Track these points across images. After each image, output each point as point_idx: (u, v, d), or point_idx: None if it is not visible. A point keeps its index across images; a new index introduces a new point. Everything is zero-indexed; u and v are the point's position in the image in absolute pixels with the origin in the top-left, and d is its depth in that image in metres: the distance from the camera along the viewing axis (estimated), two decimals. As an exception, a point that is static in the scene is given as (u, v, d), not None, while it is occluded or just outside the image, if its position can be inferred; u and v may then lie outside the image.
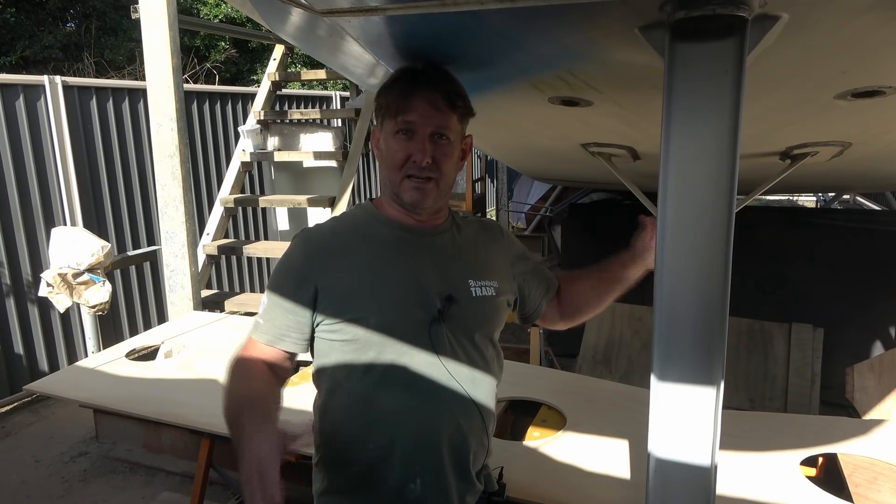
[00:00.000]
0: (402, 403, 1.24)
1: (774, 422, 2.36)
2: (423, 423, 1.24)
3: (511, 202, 9.09)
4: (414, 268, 1.28)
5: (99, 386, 2.48)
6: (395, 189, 1.27)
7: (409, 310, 1.24)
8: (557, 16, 1.00)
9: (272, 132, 5.32)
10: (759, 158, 2.08)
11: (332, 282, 1.24)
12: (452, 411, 1.26)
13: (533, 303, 1.51)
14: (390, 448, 1.24)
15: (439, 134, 1.24)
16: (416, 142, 1.23)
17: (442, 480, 1.26)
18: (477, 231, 1.43)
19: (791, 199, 8.58)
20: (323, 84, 11.57)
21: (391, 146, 1.25)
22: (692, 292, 1.02)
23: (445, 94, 1.24)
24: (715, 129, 0.96)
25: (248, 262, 6.44)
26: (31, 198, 4.42)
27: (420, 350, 1.24)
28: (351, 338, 1.23)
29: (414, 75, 1.25)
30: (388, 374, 1.23)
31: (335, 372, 1.27)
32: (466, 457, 1.30)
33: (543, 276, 1.54)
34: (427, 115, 1.22)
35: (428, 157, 1.22)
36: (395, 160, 1.25)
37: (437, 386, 1.25)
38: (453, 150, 1.28)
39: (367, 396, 1.24)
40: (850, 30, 0.97)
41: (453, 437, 1.26)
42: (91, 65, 10.18)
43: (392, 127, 1.25)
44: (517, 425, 2.44)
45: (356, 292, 1.24)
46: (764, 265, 4.27)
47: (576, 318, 1.58)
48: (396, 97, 1.24)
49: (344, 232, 1.32)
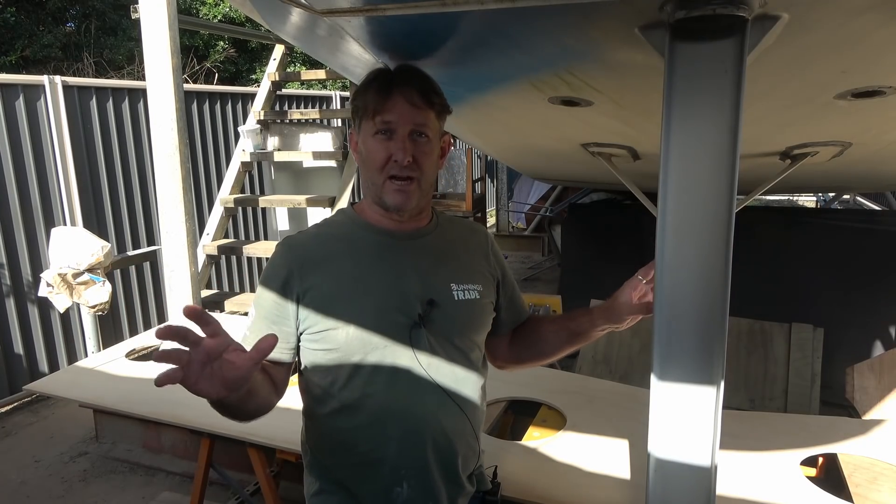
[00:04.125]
0: (385, 409, 1.24)
1: (774, 422, 2.36)
2: (406, 428, 1.24)
3: (511, 202, 9.10)
4: (394, 273, 1.27)
5: (99, 386, 2.48)
6: (377, 191, 1.26)
7: (390, 315, 1.24)
8: (557, 16, 1.00)
9: (272, 132, 5.32)
10: (759, 158, 2.09)
11: (313, 290, 1.24)
12: (436, 415, 1.26)
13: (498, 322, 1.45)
14: (375, 453, 1.24)
15: (418, 132, 1.23)
16: (395, 141, 1.22)
17: (429, 483, 1.27)
18: (462, 234, 1.42)
19: (791, 199, 8.58)
20: (323, 84, 11.57)
21: (371, 147, 1.24)
22: (692, 292, 1.02)
23: (422, 92, 1.23)
24: (715, 129, 0.96)
25: (248, 262, 6.44)
26: (31, 198, 4.42)
27: (401, 355, 1.23)
28: (333, 346, 1.23)
29: (389, 75, 1.25)
30: (370, 381, 1.23)
31: (319, 379, 1.27)
32: (454, 459, 1.30)
33: (518, 304, 1.50)
34: (405, 113, 1.21)
35: (409, 156, 1.21)
36: (376, 161, 1.24)
37: (419, 390, 1.24)
38: (433, 149, 1.27)
39: (351, 403, 1.24)
40: (850, 30, 0.97)
41: (438, 441, 1.26)
42: (91, 65, 10.19)
43: (370, 128, 1.24)
44: (517, 425, 2.44)
45: (336, 300, 1.24)
46: (764, 265, 4.27)
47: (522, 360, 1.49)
48: (373, 98, 1.23)
49: (325, 239, 1.32)
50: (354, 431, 1.25)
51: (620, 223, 4.72)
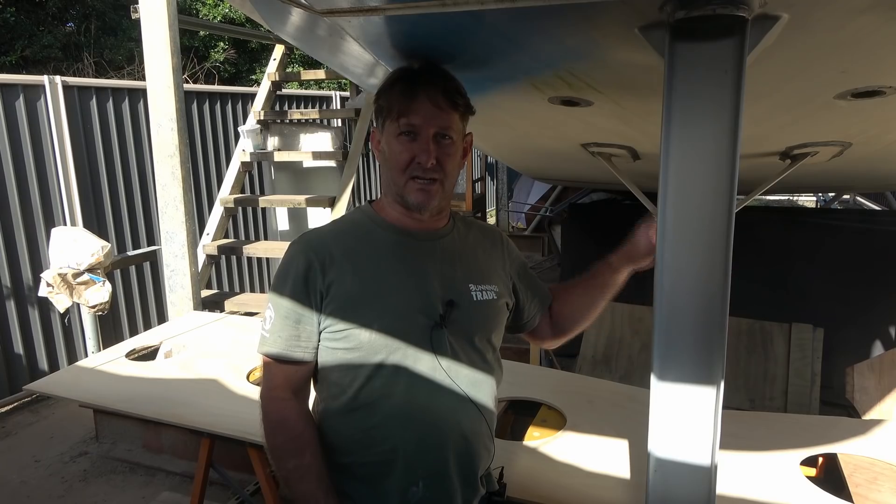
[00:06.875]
0: (404, 409, 1.24)
1: (774, 422, 2.36)
2: (425, 428, 1.24)
3: (511, 202, 9.09)
4: (415, 273, 1.28)
5: (99, 386, 2.48)
6: (399, 191, 1.27)
7: (412, 316, 1.24)
8: (557, 16, 1.00)
9: (272, 132, 5.32)
10: (759, 158, 2.08)
11: (334, 288, 1.23)
12: (456, 416, 1.26)
13: (528, 313, 1.52)
14: (393, 452, 1.24)
15: (442, 134, 1.24)
16: (419, 143, 1.22)
17: (446, 484, 1.27)
18: (477, 235, 1.43)
19: (791, 199, 8.57)
20: (322, 84, 11.57)
21: (394, 148, 1.24)
22: (692, 292, 1.02)
23: (446, 94, 1.23)
24: (715, 129, 0.96)
25: (248, 262, 6.44)
26: (31, 198, 4.41)
27: (422, 355, 1.24)
28: (354, 345, 1.23)
29: (413, 76, 1.25)
30: (391, 381, 1.23)
31: (338, 377, 1.27)
32: (472, 461, 1.30)
33: (540, 289, 1.54)
34: (430, 115, 1.22)
35: (433, 159, 1.22)
36: (400, 162, 1.24)
37: (439, 390, 1.25)
38: (456, 150, 1.28)
39: (370, 402, 1.24)
40: (850, 30, 0.97)
41: (458, 443, 1.27)
42: (91, 65, 10.19)
43: (395, 129, 1.24)
44: (517, 425, 2.44)
45: (359, 299, 1.24)
46: (764, 265, 4.26)
47: (567, 331, 1.57)
48: (398, 99, 1.23)
49: (344, 237, 1.31)
50: (373, 430, 1.25)
51: (620, 223, 4.71)
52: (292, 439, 1.25)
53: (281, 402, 1.27)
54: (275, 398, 1.27)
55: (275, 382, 1.28)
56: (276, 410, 1.26)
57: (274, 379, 1.28)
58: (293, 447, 1.24)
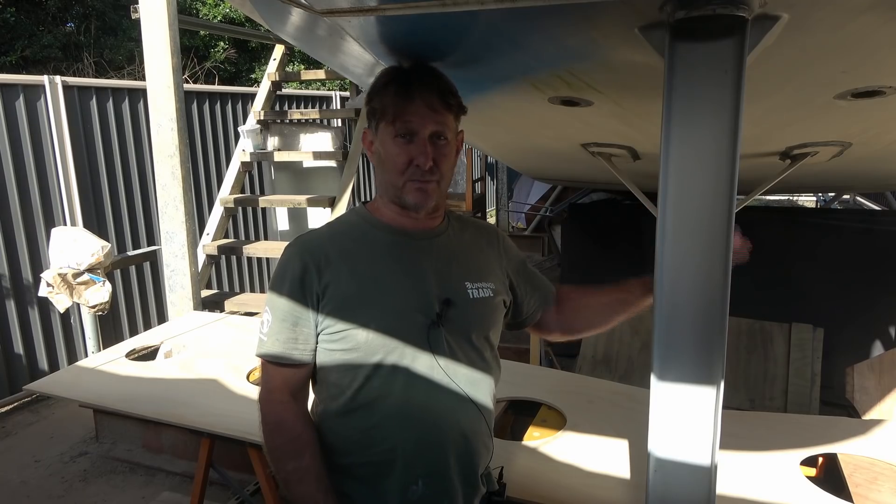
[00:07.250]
0: (403, 408, 1.24)
1: (774, 422, 2.36)
2: (424, 427, 1.24)
3: (511, 202, 9.09)
4: (411, 273, 1.28)
5: (99, 386, 2.48)
6: (396, 192, 1.27)
7: (408, 315, 1.24)
8: (557, 16, 1.00)
9: (272, 132, 5.32)
10: (759, 158, 2.09)
11: (331, 289, 1.24)
12: (455, 415, 1.26)
13: (527, 309, 1.51)
14: (392, 452, 1.24)
15: (438, 135, 1.24)
16: (416, 145, 1.22)
17: (446, 483, 1.27)
18: (473, 233, 1.43)
19: (791, 199, 8.57)
20: (322, 84, 11.56)
21: (390, 150, 1.24)
22: (692, 292, 1.02)
23: (441, 95, 1.23)
24: (715, 129, 0.96)
25: (248, 262, 6.44)
26: (31, 198, 4.41)
27: (420, 355, 1.24)
28: (352, 346, 1.23)
29: (406, 76, 1.25)
30: (389, 380, 1.23)
31: (336, 378, 1.27)
32: (472, 460, 1.30)
33: (542, 285, 1.54)
34: (426, 118, 1.22)
35: (430, 161, 1.22)
36: (397, 165, 1.24)
37: (437, 389, 1.25)
38: (451, 150, 1.28)
39: (369, 402, 1.24)
40: (850, 30, 0.97)
41: (458, 441, 1.27)
42: (91, 65, 10.19)
43: (391, 132, 1.24)
44: (517, 425, 2.44)
45: (356, 300, 1.24)
46: (764, 265, 4.26)
47: (577, 332, 1.57)
48: (393, 101, 1.23)
49: (340, 238, 1.31)
50: (372, 430, 1.25)
51: (620, 223, 4.73)
52: (291, 441, 1.25)
53: (279, 404, 1.27)
54: (273, 400, 1.27)
55: (273, 384, 1.28)
56: (274, 412, 1.27)
57: (272, 381, 1.29)
58: (292, 449, 1.24)
